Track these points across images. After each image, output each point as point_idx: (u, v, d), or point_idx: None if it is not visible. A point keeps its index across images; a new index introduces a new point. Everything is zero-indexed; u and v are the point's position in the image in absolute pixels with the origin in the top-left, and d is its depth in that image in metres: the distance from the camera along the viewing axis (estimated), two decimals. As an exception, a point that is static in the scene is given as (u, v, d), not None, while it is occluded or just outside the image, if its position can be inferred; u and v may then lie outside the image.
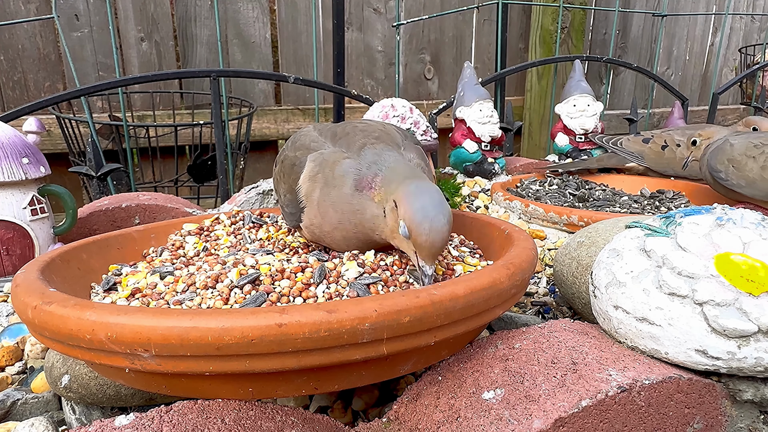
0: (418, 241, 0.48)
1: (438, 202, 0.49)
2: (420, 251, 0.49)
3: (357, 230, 0.55)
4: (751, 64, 2.36)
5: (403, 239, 0.50)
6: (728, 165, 0.89)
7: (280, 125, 1.92)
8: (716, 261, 0.48)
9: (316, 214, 0.56)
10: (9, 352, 0.63)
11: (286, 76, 1.26)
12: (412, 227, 0.48)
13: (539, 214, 0.96)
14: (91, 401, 0.53)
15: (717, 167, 0.90)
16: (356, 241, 0.56)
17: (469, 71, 1.27)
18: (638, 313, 0.48)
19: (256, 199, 1.01)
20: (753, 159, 0.87)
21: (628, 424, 0.44)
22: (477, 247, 0.65)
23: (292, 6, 1.88)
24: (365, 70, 2.06)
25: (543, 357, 0.48)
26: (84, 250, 0.61)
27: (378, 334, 0.40)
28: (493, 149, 1.26)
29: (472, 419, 0.44)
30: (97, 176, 1.06)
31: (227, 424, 0.41)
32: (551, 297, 0.79)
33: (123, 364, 0.40)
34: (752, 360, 0.45)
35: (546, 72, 2.16)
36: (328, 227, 0.56)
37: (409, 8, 2.05)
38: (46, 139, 1.62)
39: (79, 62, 1.68)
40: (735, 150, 0.89)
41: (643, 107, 2.45)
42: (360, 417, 0.55)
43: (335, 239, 0.57)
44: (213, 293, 0.48)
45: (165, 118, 1.78)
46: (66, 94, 1.12)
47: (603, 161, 1.25)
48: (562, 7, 1.91)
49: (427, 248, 0.48)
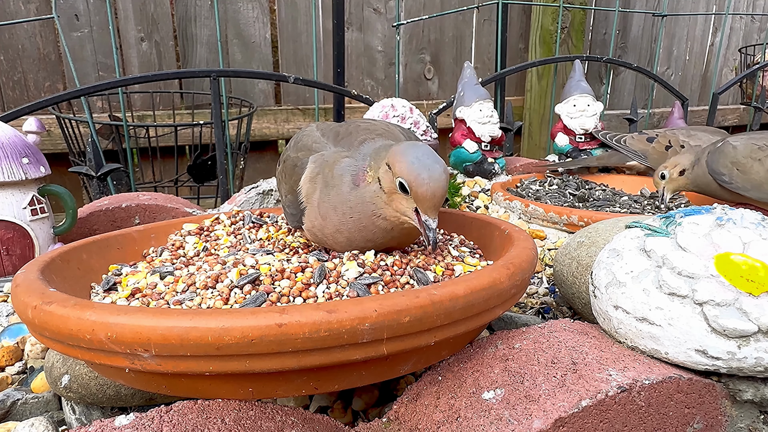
0: (418, 192, 0.47)
1: (431, 153, 0.49)
2: (421, 203, 0.48)
3: (359, 227, 0.54)
4: (751, 64, 2.36)
5: (402, 197, 0.49)
6: (732, 168, 0.87)
7: (280, 125, 1.92)
8: (716, 261, 0.48)
9: (317, 216, 0.56)
10: (9, 352, 0.63)
11: (286, 76, 1.26)
12: (411, 178, 0.47)
13: (539, 214, 0.96)
14: (91, 401, 0.53)
15: (720, 170, 0.89)
16: (360, 241, 0.55)
17: (469, 71, 1.27)
18: (638, 313, 0.48)
19: (256, 199, 1.01)
20: (759, 162, 0.85)
21: (628, 424, 0.44)
22: (477, 247, 0.65)
23: (292, 6, 1.88)
24: (365, 70, 2.06)
25: (543, 357, 0.48)
26: (84, 250, 0.61)
27: (378, 334, 0.40)
28: (493, 149, 1.26)
29: (472, 419, 0.44)
30: (97, 176, 1.06)
31: (227, 424, 0.41)
32: (551, 297, 0.79)
33: (123, 364, 0.40)
34: (752, 360, 0.45)
35: (546, 72, 2.16)
36: (330, 229, 0.55)
37: (409, 8, 2.05)
38: (46, 139, 1.62)
39: (79, 62, 1.68)
40: (739, 153, 0.87)
41: (643, 107, 2.45)
42: (360, 417, 0.55)
43: (337, 241, 0.56)
44: (213, 293, 0.48)
45: (165, 118, 1.78)
46: (66, 94, 1.12)
47: (603, 159, 1.25)
48: (562, 7, 1.91)
49: (429, 198, 0.47)
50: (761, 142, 0.87)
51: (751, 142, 0.88)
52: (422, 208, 0.48)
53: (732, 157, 0.88)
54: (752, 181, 0.86)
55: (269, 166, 1.99)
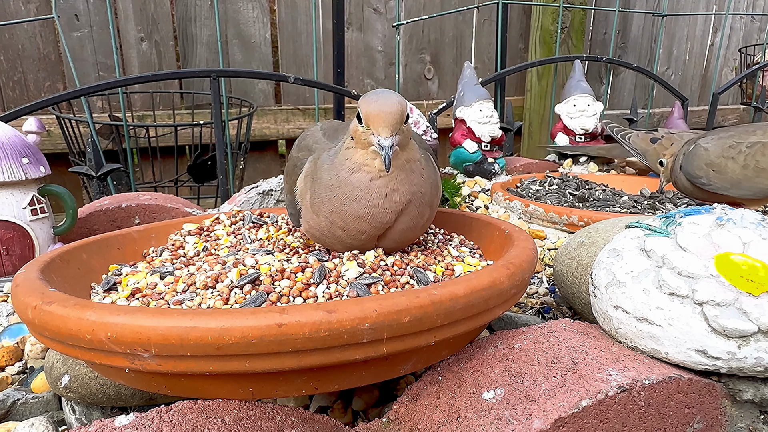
0: (368, 112, 0.49)
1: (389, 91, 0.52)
2: (373, 124, 0.49)
3: (345, 205, 0.52)
4: (751, 64, 2.36)
5: (362, 132, 0.51)
6: (708, 170, 0.87)
7: (280, 125, 1.92)
8: (716, 261, 0.48)
9: (312, 216, 0.56)
10: (9, 352, 0.63)
11: (286, 76, 1.26)
12: (361, 105, 0.50)
13: (539, 214, 0.96)
14: (91, 401, 0.53)
15: (696, 173, 0.89)
16: (355, 228, 0.54)
17: (469, 71, 1.27)
18: (638, 313, 0.48)
19: (256, 199, 1.01)
20: (732, 159, 0.85)
21: (628, 424, 0.44)
22: (477, 247, 0.65)
23: (292, 6, 1.88)
24: (365, 70, 2.06)
25: (543, 357, 0.48)
26: (84, 250, 0.61)
27: (378, 334, 0.40)
28: (493, 149, 1.26)
29: (472, 419, 0.44)
30: (97, 176, 1.06)
31: (227, 424, 0.41)
32: (551, 297, 0.79)
33: (123, 364, 0.40)
34: (752, 360, 0.45)
35: (546, 72, 2.16)
36: (324, 224, 0.55)
37: (409, 8, 2.05)
38: (46, 139, 1.62)
39: (79, 62, 1.68)
40: (711, 154, 0.87)
41: (643, 107, 2.45)
42: (360, 417, 0.55)
43: (335, 236, 0.55)
44: (213, 293, 0.48)
45: (165, 118, 1.78)
46: (66, 94, 1.12)
47: (604, 151, 1.25)
48: (562, 7, 1.91)
49: (376, 115, 0.49)
50: (731, 140, 0.87)
51: (721, 142, 0.88)
52: (374, 130, 0.50)
53: (705, 159, 0.88)
54: (730, 180, 0.86)
55: (269, 166, 1.99)
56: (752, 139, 0.85)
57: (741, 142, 0.86)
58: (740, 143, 0.86)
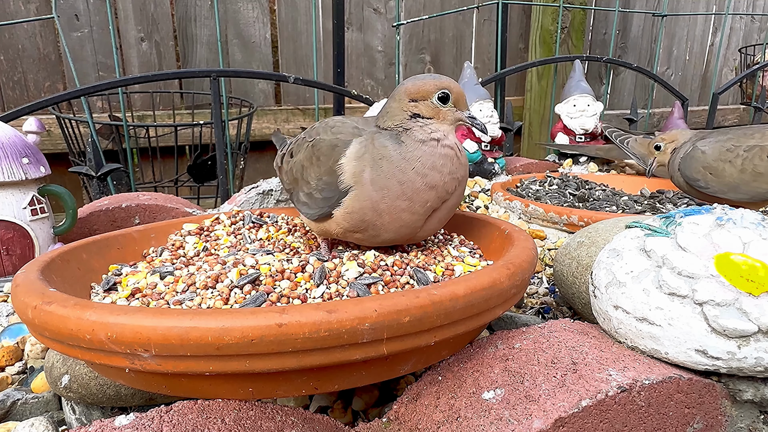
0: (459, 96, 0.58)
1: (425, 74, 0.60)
2: (460, 103, 0.58)
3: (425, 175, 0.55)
4: (751, 64, 2.36)
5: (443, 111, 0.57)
6: (705, 173, 0.87)
7: (280, 125, 1.92)
8: (716, 261, 0.48)
9: (370, 193, 0.54)
10: (9, 352, 0.63)
11: (286, 76, 1.26)
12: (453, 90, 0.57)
13: (539, 214, 0.96)
14: (91, 401, 0.53)
15: (694, 176, 0.89)
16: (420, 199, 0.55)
17: (469, 71, 1.27)
18: (638, 313, 0.48)
19: (256, 199, 1.01)
20: (729, 163, 0.85)
21: (628, 424, 0.44)
22: (477, 247, 0.65)
23: (292, 6, 1.88)
24: (365, 70, 2.06)
25: (543, 357, 0.48)
26: (84, 250, 0.61)
27: (378, 334, 0.40)
28: (493, 149, 1.26)
29: (472, 419, 0.44)
30: (97, 176, 1.06)
31: (227, 424, 0.41)
32: (551, 297, 0.79)
33: (123, 364, 0.40)
34: (752, 360, 0.45)
35: (546, 72, 2.16)
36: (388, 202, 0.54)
37: (409, 8, 2.05)
38: (46, 139, 1.62)
39: (79, 62, 1.68)
40: (709, 157, 0.87)
41: (643, 107, 2.45)
42: (360, 417, 0.55)
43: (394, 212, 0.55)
44: (213, 293, 0.48)
45: (165, 118, 1.78)
46: (66, 94, 1.12)
47: (602, 152, 1.25)
48: (562, 7, 1.91)
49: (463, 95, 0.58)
50: (729, 144, 0.87)
51: (719, 145, 0.87)
52: (462, 107, 0.58)
53: (703, 162, 0.88)
54: (728, 184, 0.86)
55: (269, 166, 1.98)
56: (750, 143, 0.85)
57: (739, 145, 0.86)
58: (738, 147, 0.85)
